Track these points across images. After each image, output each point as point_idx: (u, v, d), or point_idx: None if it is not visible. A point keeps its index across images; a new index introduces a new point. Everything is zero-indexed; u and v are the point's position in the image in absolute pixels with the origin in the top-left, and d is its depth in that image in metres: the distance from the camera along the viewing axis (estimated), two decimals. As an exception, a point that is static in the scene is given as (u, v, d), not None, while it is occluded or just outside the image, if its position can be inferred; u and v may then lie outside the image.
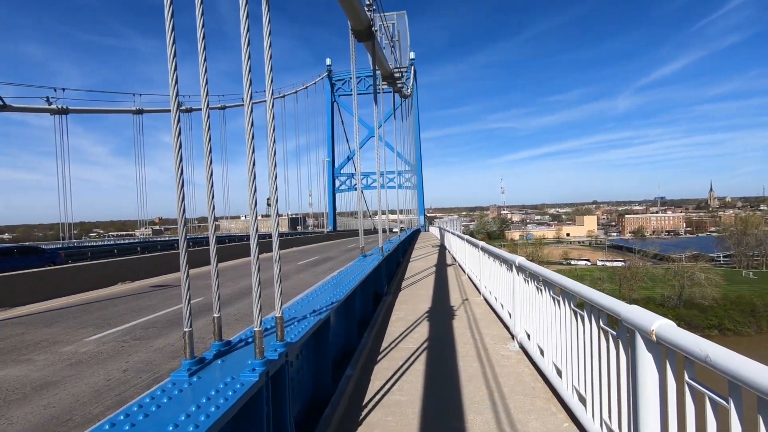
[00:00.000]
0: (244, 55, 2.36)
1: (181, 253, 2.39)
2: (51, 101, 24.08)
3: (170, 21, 2.33)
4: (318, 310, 3.81)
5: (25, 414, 4.58)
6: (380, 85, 11.62)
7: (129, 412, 1.86)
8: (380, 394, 4.14)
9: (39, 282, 12.49)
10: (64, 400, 4.90)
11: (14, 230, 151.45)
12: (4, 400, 4.96)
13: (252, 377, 2.19)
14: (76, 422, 4.34)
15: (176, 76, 2.34)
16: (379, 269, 8.46)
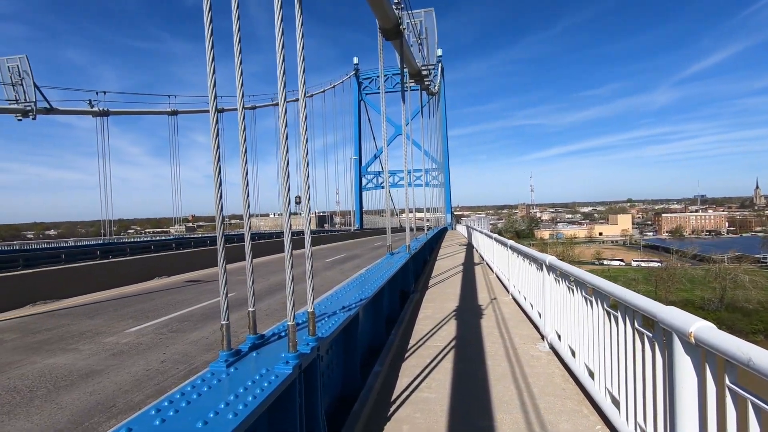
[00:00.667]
0: (279, 57, 2.43)
1: (218, 250, 2.49)
2: (93, 104, 25.35)
3: (209, 27, 2.43)
4: (347, 307, 3.88)
5: (72, 400, 4.86)
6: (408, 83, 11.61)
7: (172, 399, 1.96)
8: (408, 390, 4.17)
9: (83, 276, 13.17)
10: (108, 388, 5.17)
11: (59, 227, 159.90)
12: (54, 386, 5.28)
13: (286, 370, 2.26)
14: (119, 409, 4.58)
15: (214, 80, 2.44)
16: (406, 267, 8.48)
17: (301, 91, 2.74)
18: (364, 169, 60.53)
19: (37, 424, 4.29)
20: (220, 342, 2.51)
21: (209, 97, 2.44)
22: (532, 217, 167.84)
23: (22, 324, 8.85)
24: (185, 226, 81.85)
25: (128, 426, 1.71)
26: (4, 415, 4.52)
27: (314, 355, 2.65)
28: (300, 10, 2.66)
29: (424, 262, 14.54)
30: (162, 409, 1.87)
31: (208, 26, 2.42)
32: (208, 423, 1.72)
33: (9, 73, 20.75)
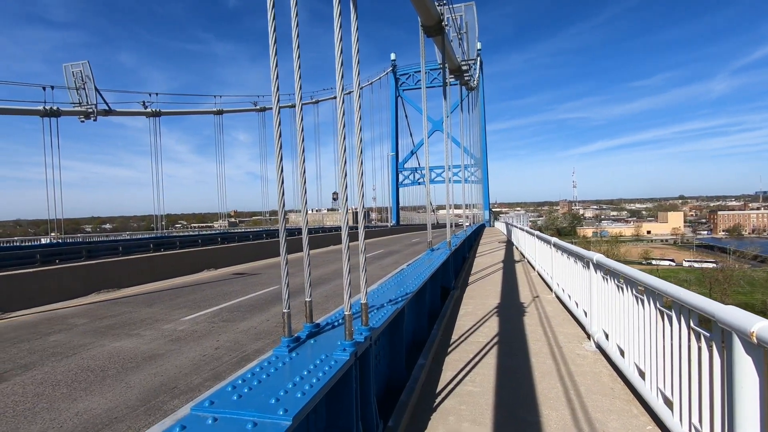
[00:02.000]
0: (337, 51, 2.57)
1: (281, 243, 2.67)
2: (146, 105, 26.91)
3: (272, 35, 2.60)
4: (394, 300, 4.00)
5: (139, 380, 5.29)
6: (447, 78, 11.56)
7: (244, 378, 2.15)
8: (452, 383, 4.25)
9: (140, 267, 14.08)
10: (169, 371, 5.58)
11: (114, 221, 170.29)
12: (122, 367, 5.76)
13: (344, 356, 2.41)
14: (181, 390, 4.94)
15: (278, 85, 2.61)
16: (447, 263, 8.53)
17: (356, 84, 2.87)
18: (400, 166, 60.59)
19: (111, 400, 4.71)
20: (282, 328, 2.69)
21: (272, 98, 2.61)
22: (574, 214, 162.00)
23: (90, 310, 9.62)
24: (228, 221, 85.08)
25: (210, 399, 1.91)
26: (82, 391, 4.99)
27: (368, 344, 2.79)
28: (355, 11, 2.79)
29: (464, 258, 14.48)
30: (237, 386, 2.06)
31: (271, 35, 2.59)
32: (279, 400, 1.89)
33: (73, 78, 22.42)
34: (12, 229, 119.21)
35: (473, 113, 39.40)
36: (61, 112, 22.67)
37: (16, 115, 23.10)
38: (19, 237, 29.17)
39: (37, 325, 8.32)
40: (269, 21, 2.64)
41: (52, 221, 25.04)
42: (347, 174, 2.89)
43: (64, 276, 11.57)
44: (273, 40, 2.63)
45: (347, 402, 2.49)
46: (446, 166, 10.92)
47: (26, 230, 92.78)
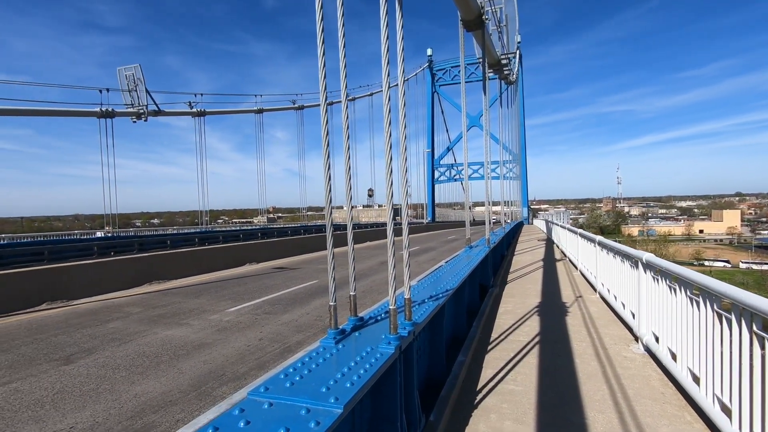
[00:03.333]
0: (384, 48, 2.60)
1: (327, 237, 2.75)
2: (192, 105, 28.13)
3: (320, 36, 2.67)
4: (435, 296, 4.02)
5: (190, 367, 5.58)
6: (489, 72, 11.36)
7: (295, 367, 2.24)
8: (493, 382, 4.22)
9: (187, 260, 14.78)
10: (217, 359, 5.85)
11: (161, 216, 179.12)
12: (174, 354, 6.09)
13: (389, 349, 2.46)
14: (228, 378, 5.17)
15: (325, 84, 2.68)
16: (486, 261, 8.42)
17: (400, 79, 2.90)
18: (436, 162, 60.16)
19: (165, 384, 5.00)
20: (328, 321, 2.77)
21: (320, 96, 2.68)
22: (618, 212, 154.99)
23: (143, 300, 10.22)
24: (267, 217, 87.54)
25: (265, 385, 2.01)
26: (138, 375, 5.33)
27: (411, 338, 2.83)
28: (400, 8, 2.81)
29: (502, 256, 14.23)
30: (288, 374, 2.15)
31: (319, 36, 2.66)
32: (329, 389, 1.96)
33: (126, 80, 23.77)
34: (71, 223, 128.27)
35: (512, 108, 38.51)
36: (115, 113, 24.11)
37: (75, 117, 24.78)
38: (78, 230, 31.30)
39: (97, 313, 8.94)
40: (317, 21, 2.72)
41: (106, 216, 26.68)
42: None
43: (120, 267, 12.33)
44: (321, 40, 2.70)
45: (392, 394, 2.54)
46: (485, 162, 10.75)
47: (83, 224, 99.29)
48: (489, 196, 11.01)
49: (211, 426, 1.66)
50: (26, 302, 9.66)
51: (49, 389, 4.94)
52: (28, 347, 6.61)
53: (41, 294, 10.03)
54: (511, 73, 19.39)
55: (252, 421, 1.71)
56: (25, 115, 22.58)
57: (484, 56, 9.89)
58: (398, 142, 2.89)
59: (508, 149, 37.59)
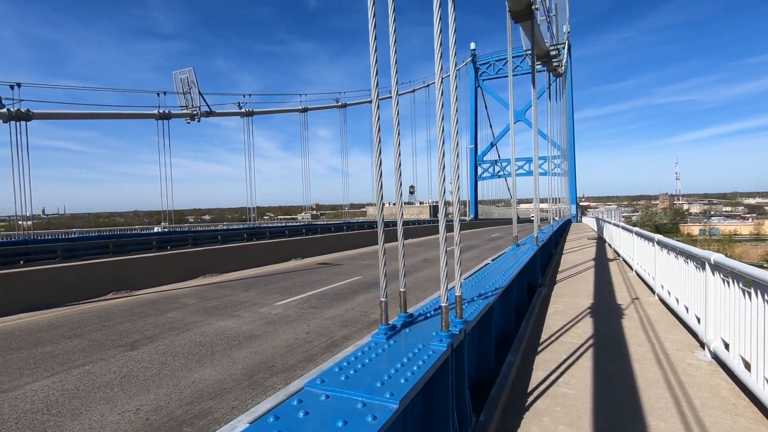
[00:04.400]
0: (437, 42, 2.57)
1: (379, 233, 2.76)
2: (241, 106, 29.24)
3: (372, 32, 2.67)
4: (484, 294, 3.94)
5: (242, 357, 5.81)
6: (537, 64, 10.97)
7: (348, 361, 2.27)
8: (545, 384, 4.09)
9: (237, 254, 15.41)
10: (267, 351, 6.06)
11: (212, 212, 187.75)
12: (227, 344, 6.37)
13: (441, 347, 2.44)
14: (278, 369, 5.34)
15: (377, 80, 2.68)
16: (534, 260, 8.17)
17: (452, 71, 2.85)
18: (479, 158, 59.03)
19: (220, 372, 5.24)
20: (377, 316, 2.79)
21: (372, 92, 2.69)
22: (676, 210, 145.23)
23: (198, 292, 10.77)
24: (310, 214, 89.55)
25: (321, 378, 2.05)
26: (195, 363, 5.61)
27: (462, 336, 2.79)
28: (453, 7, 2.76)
29: (550, 255, 13.75)
30: (343, 368, 2.18)
31: (372, 35, 2.66)
32: (384, 384, 1.97)
33: (181, 83, 25.08)
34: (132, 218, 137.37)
35: (560, 101, 37.01)
36: (171, 115, 25.50)
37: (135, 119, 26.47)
38: (138, 226, 33.47)
39: (156, 303, 9.51)
40: (369, 18, 2.72)
41: (163, 212, 28.30)
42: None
43: (176, 261, 13.06)
44: (373, 36, 2.71)
45: (443, 392, 2.52)
46: (534, 157, 10.40)
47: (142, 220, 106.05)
48: (537, 193, 10.66)
49: (272, 415, 1.72)
50: (96, 291, 10.45)
51: (117, 372, 5.32)
52: (98, 333, 7.15)
53: (108, 284, 10.81)
54: (560, 64, 18.62)
55: (311, 412, 1.75)
56: (91, 118, 24.37)
57: (533, 48, 9.54)
58: (450, 135, 2.85)
59: (555, 144, 36.18)
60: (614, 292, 8.39)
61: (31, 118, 20.02)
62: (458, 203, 2.78)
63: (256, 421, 1.74)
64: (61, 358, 5.94)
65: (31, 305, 9.12)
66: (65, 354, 6.09)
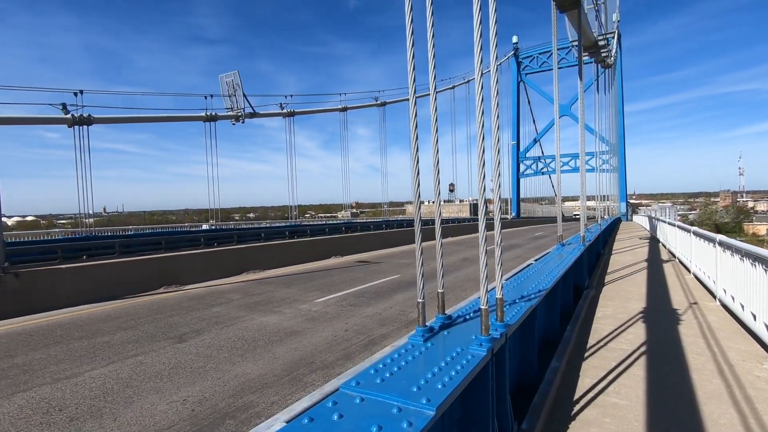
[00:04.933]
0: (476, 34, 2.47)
1: (416, 232, 2.69)
2: (283, 106, 30.00)
3: (409, 27, 2.60)
4: (526, 297, 3.78)
5: (283, 352, 5.93)
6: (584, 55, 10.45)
7: (384, 363, 2.22)
8: (592, 392, 3.87)
9: (279, 251, 15.81)
10: (307, 347, 6.14)
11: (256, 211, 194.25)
12: (269, 340, 6.52)
13: (481, 351, 2.34)
14: (317, 365, 5.40)
15: (414, 76, 2.61)
16: (580, 260, 7.80)
17: (493, 68, 2.73)
18: (522, 155, 57.36)
19: (261, 367, 5.37)
20: (414, 317, 2.72)
21: (409, 89, 2.63)
22: (740, 207, 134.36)
23: (242, 288, 11.13)
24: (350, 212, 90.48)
25: (356, 380, 2.01)
26: (238, 357, 5.78)
27: (503, 340, 2.68)
28: None
29: (598, 255, 13.11)
30: (378, 370, 2.14)
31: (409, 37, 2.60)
32: (420, 389, 1.91)
33: (226, 86, 26.07)
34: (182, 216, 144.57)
35: (609, 94, 35.20)
36: (218, 117, 26.56)
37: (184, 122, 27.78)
38: (188, 223, 35.17)
39: (203, 298, 9.92)
40: (407, 13, 2.66)
41: (211, 210, 29.57)
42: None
43: (223, 257, 13.57)
44: (410, 33, 2.64)
45: (483, 398, 2.42)
46: (580, 153, 9.92)
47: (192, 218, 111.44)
48: (584, 190, 10.17)
49: (306, 416, 1.70)
50: (148, 285, 11.05)
51: (166, 364, 5.57)
52: (150, 325, 7.54)
53: (160, 279, 11.40)
54: (609, 55, 17.66)
55: (345, 414, 1.72)
56: (145, 121, 25.83)
57: (580, 38, 9.08)
58: (490, 131, 2.74)
59: (604, 139, 34.47)
60: (669, 296, 7.86)
61: (92, 122, 21.48)
62: (499, 201, 2.66)
63: (292, 422, 1.73)
64: (117, 348, 6.30)
65: (92, 297, 9.77)
66: (120, 344, 6.46)
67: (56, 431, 3.91)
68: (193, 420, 4.03)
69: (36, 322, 8.04)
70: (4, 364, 5.72)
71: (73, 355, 6.04)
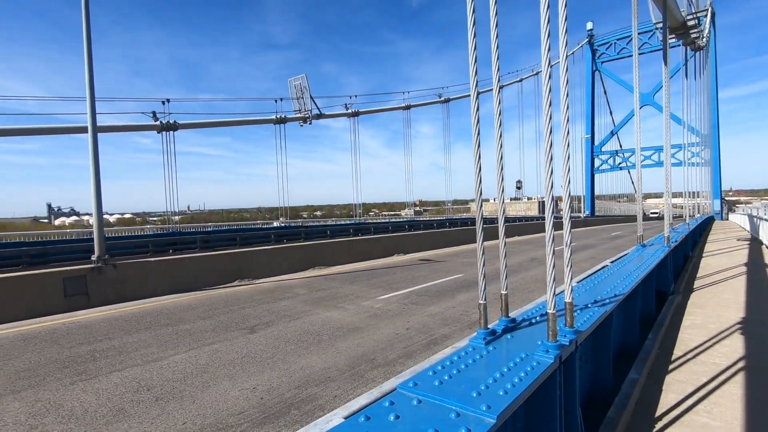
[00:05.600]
0: (544, 19, 2.32)
1: (478, 231, 2.60)
2: (348, 107, 30.74)
3: (471, 17, 2.51)
4: (600, 301, 3.50)
5: (345, 347, 6.05)
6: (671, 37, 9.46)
7: (443, 365, 2.17)
8: (678, 409, 3.50)
9: (344, 249, 16.21)
10: (369, 343, 6.22)
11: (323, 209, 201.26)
12: (333, 334, 6.70)
13: (547, 358, 2.20)
14: (378, 362, 5.44)
15: (476, 68, 2.52)
16: (664, 263, 7.10)
17: (562, 56, 2.55)
18: (596, 149, 53.65)
19: (325, 361, 5.52)
20: (476, 318, 2.63)
21: (471, 82, 2.53)
22: None
23: (308, 283, 11.57)
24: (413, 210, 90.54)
25: (414, 381, 1.98)
26: (304, 349, 6.00)
27: (572, 348, 2.50)
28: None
29: (686, 258, 11.88)
30: (437, 372, 2.08)
31: (471, 35, 2.50)
32: (481, 394, 1.83)
33: (295, 89, 27.27)
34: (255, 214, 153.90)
35: (700, 79, 31.72)
36: (287, 119, 27.86)
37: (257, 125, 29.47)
38: (260, 221, 37.29)
39: (272, 291, 10.44)
40: (468, 8, 2.57)
41: (281, 208, 31.10)
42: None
43: (290, 253, 14.20)
44: (472, 21, 2.55)
45: (549, 409, 2.27)
46: (665, 145, 9.02)
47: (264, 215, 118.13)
48: (669, 187, 9.24)
49: (363, 414, 1.70)
50: (224, 278, 11.87)
51: (238, 353, 5.93)
52: (225, 316, 8.08)
53: (234, 273, 12.20)
54: (700, 36, 15.86)
55: (401, 416, 1.69)
56: (223, 125, 27.76)
57: (665, 19, 8.23)
58: (559, 125, 2.56)
59: (693, 130, 31.13)
60: (775, 306, 6.90)
61: (177, 128, 23.50)
62: (569, 198, 2.48)
63: (349, 419, 1.74)
64: (196, 335, 6.82)
65: (176, 288, 10.69)
66: (199, 332, 6.99)
67: (144, 409, 4.31)
68: (261, 407, 4.24)
69: (129, 309, 8.96)
70: (104, 346, 6.44)
71: (159, 340, 6.64)
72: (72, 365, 5.63)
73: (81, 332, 7.20)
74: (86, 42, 9.94)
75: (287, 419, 4.00)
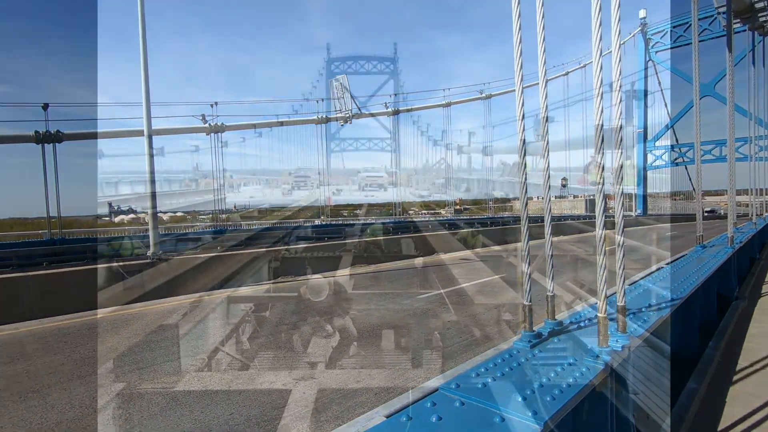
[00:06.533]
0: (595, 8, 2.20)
1: (522, 231, 2.52)
2: (387, 105, 30.86)
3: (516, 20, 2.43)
4: (655, 305, 3.30)
5: (386, 345, 6.08)
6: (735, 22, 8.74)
7: (487, 367, 2.11)
8: (745, 423, 3.23)
9: (384, 248, 16.31)
10: (409, 342, 6.21)
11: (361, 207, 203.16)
12: (373, 333, 6.75)
13: (597, 365, 2.10)
14: (417, 362, 5.42)
15: (521, 62, 2.43)
16: (727, 265, 6.59)
17: (615, 45, 2.42)
18: (650, 144, 50.68)
19: (366, 360, 5.57)
20: (521, 322, 2.55)
21: (516, 77, 2.46)
22: None
23: (348, 282, 11.73)
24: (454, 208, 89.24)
25: (456, 382, 1.94)
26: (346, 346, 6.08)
27: (625, 354, 2.36)
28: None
29: (751, 260, 10.98)
30: (480, 374, 2.04)
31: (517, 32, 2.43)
32: (526, 399, 1.77)
33: (335, 90, 27.71)
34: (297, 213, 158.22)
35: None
36: (329, 119, 28.35)
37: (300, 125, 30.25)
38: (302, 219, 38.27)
39: (313, 289, 10.66)
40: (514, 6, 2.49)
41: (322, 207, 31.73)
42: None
43: (329, 251, 14.46)
44: (516, 13, 2.47)
45: (599, 419, 2.17)
46: (728, 138, 8.36)
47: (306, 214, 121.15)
48: (732, 184, 8.57)
49: (405, 413, 1.69)
50: (267, 275, 12.26)
51: (293, 341, 6.11)
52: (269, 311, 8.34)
53: (276, 270, 12.56)
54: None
55: (443, 417, 1.66)
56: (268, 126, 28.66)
57: (729, 2, 7.62)
58: (609, 119, 2.43)
59: (762, 122, 28.68)
60: None
61: (224, 130, 24.49)
62: (621, 196, 2.35)
63: (391, 417, 1.74)
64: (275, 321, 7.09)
65: (224, 284, 11.17)
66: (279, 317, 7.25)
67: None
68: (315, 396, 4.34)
69: (186, 301, 9.46)
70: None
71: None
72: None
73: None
74: (143, 53, 10.56)
75: (334, 408, 4.06)
